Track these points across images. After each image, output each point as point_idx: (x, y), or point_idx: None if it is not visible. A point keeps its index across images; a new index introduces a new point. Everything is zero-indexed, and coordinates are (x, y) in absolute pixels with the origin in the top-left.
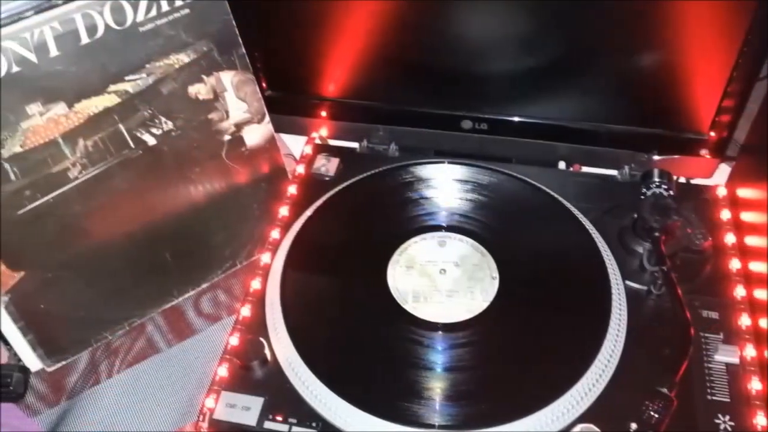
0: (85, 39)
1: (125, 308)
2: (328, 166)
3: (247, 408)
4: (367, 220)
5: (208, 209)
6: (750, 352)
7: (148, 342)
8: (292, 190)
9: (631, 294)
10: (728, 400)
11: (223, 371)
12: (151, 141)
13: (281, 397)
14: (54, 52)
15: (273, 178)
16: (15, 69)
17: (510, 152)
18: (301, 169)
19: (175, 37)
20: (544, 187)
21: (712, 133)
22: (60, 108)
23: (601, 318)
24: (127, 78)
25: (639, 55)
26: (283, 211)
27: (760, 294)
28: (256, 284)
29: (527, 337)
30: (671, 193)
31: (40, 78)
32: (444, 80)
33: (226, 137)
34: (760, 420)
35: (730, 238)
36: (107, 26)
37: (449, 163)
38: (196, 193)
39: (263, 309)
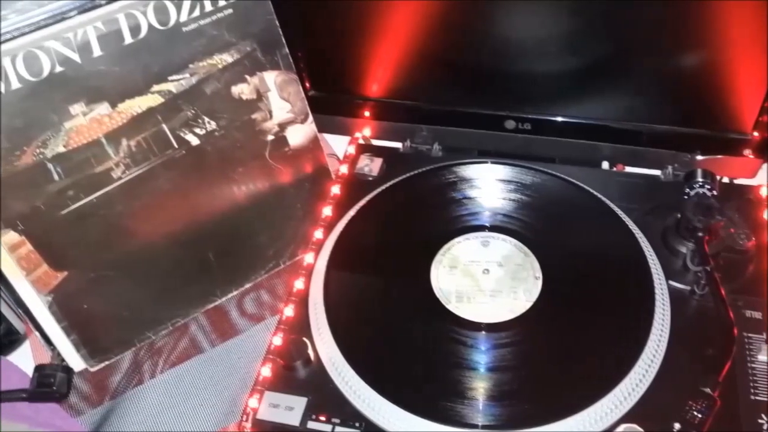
0: (128, 39)
1: (168, 308)
2: (372, 166)
3: (290, 408)
4: (410, 220)
5: (251, 209)
6: None
7: (192, 342)
8: (335, 190)
9: (674, 294)
10: None
11: (266, 371)
12: (194, 141)
13: (324, 398)
14: (97, 52)
15: (316, 178)
16: (58, 69)
17: (553, 152)
18: (344, 169)
19: (218, 37)
20: (587, 187)
21: (756, 133)
22: (103, 108)
23: (644, 318)
24: (170, 78)
25: (682, 54)
26: (327, 211)
27: None
28: (299, 284)
29: (570, 337)
30: (714, 193)
31: (83, 78)
32: (487, 80)
33: (270, 137)
34: None
35: None
36: (150, 26)
37: (492, 163)
38: (239, 193)
39: (306, 309)
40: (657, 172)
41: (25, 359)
